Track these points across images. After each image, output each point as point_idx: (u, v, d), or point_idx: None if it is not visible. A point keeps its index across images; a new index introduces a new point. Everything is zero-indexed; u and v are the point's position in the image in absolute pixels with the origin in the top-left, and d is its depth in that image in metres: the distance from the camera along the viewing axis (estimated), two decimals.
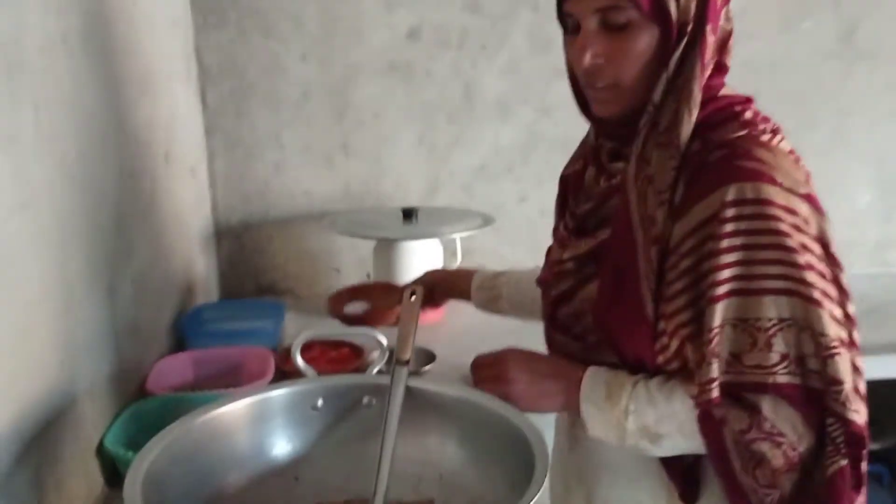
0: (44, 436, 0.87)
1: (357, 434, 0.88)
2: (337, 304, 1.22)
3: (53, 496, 0.90)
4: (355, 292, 1.24)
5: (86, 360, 1.03)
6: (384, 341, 0.96)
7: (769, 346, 0.75)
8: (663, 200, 0.78)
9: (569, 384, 0.86)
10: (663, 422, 0.80)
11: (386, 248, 1.73)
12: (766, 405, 0.76)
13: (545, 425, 0.89)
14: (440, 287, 1.17)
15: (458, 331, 1.71)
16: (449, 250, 1.80)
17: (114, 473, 1.06)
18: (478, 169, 2.00)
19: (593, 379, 0.85)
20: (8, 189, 0.81)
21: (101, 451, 1.04)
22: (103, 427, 1.06)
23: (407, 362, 0.88)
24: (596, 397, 0.83)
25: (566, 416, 0.98)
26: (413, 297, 1.00)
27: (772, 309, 0.75)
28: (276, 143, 1.91)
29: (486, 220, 1.76)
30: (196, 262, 1.73)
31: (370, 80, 1.90)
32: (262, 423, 0.85)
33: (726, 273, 0.75)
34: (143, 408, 1.12)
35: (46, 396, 0.89)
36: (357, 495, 0.85)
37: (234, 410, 0.83)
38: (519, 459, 0.76)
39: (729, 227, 0.75)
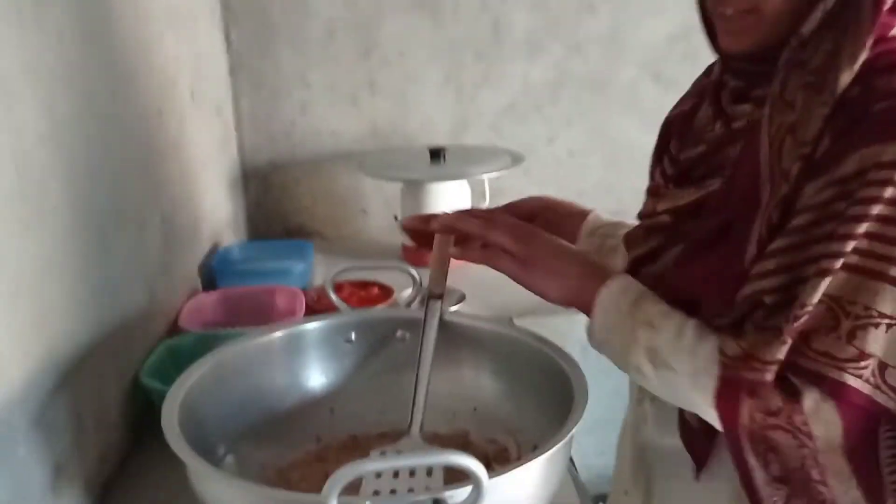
0: (79, 370, 0.88)
1: (390, 367, 0.88)
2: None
3: (91, 429, 0.91)
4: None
5: (118, 295, 1.03)
6: (416, 276, 0.94)
7: (852, 336, 0.61)
8: (804, 154, 0.63)
9: (593, 274, 0.76)
10: (679, 356, 0.68)
11: (413, 191, 1.71)
12: (810, 399, 0.62)
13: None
14: (542, 221, 0.97)
15: (488, 271, 1.70)
16: (477, 191, 1.78)
17: (150, 407, 1.07)
18: (506, 108, 1.97)
19: (627, 282, 0.75)
20: (34, 119, 0.80)
21: (136, 385, 1.05)
22: (138, 363, 1.07)
23: (441, 295, 0.86)
24: (621, 299, 0.73)
25: (636, 391, 0.86)
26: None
27: (887, 302, 0.60)
28: (301, 83, 1.88)
29: (515, 160, 1.73)
30: (224, 203, 1.73)
31: (396, 17, 1.86)
32: (296, 355, 0.84)
33: (851, 244, 0.60)
34: (178, 343, 1.13)
35: (80, 331, 0.90)
36: (392, 428, 0.85)
37: (269, 343, 0.83)
38: (556, 392, 0.75)
39: (873, 192, 0.60)
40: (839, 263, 0.61)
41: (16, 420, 0.74)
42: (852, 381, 0.61)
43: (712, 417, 0.67)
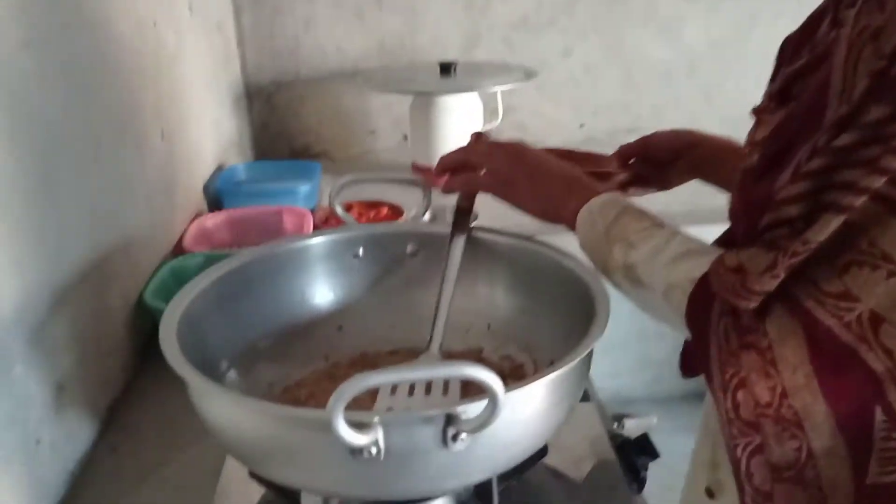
0: (78, 290, 0.85)
1: (400, 283, 0.84)
2: None
3: (94, 350, 0.88)
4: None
5: (118, 214, 0.99)
6: (424, 185, 0.89)
7: (845, 270, 0.51)
8: (878, 71, 0.50)
9: (576, 190, 0.72)
10: (653, 271, 0.62)
11: (422, 105, 1.65)
12: (775, 321, 0.52)
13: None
14: (688, 161, 0.85)
15: None
16: (489, 107, 1.71)
17: (155, 329, 1.04)
18: (519, 21, 1.88)
19: (609, 199, 0.70)
20: (10, 21, 0.74)
21: (141, 307, 1.02)
22: (142, 285, 1.04)
23: (470, 209, 0.82)
24: (598, 217, 0.68)
25: None
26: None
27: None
28: None
29: (529, 74, 1.66)
30: (228, 123, 1.67)
31: None
32: (302, 271, 0.81)
33: (881, 180, 0.48)
34: (182, 264, 1.10)
35: (78, 250, 0.86)
36: (402, 345, 0.82)
37: (273, 257, 0.79)
38: (576, 307, 0.71)
39: None
40: (861, 201, 0.49)
41: (10, 337, 0.71)
42: (827, 319, 0.51)
43: (684, 331, 0.59)
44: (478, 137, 0.84)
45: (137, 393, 0.96)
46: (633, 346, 2.09)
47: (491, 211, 1.41)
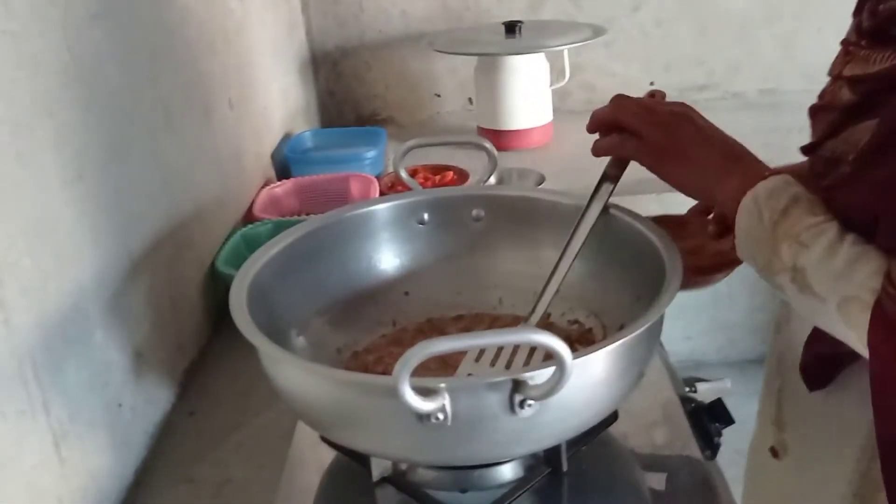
0: (153, 258, 0.87)
1: (466, 249, 0.83)
2: None
3: (168, 315, 0.91)
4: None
5: (189, 182, 1.01)
6: (492, 150, 0.88)
7: None
8: None
9: (738, 169, 0.62)
10: (826, 280, 0.54)
11: (488, 67, 1.62)
12: None
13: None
14: None
15: (568, 153, 1.62)
16: (556, 67, 1.67)
17: (227, 295, 1.06)
18: None
19: (779, 184, 0.59)
20: None
21: (213, 274, 1.04)
22: (214, 252, 1.06)
23: (616, 178, 0.72)
24: (765, 207, 0.58)
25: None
26: None
27: None
28: None
29: (597, 32, 1.62)
30: (294, 90, 1.68)
31: None
32: (367, 237, 0.81)
33: None
34: (253, 231, 1.11)
35: (152, 217, 0.88)
36: (468, 310, 0.82)
37: (339, 224, 0.79)
38: (646, 270, 0.69)
39: None
40: None
41: (90, 305, 0.73)
42: None
43: (864, 352, 0.54)
44: (640, 97, 0.71)
45: (212, 357, 0.99)
46: (705, 308, 2.04)
47: (556, 171, 1.39)
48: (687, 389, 0.83)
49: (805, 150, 0.65)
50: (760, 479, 0.79)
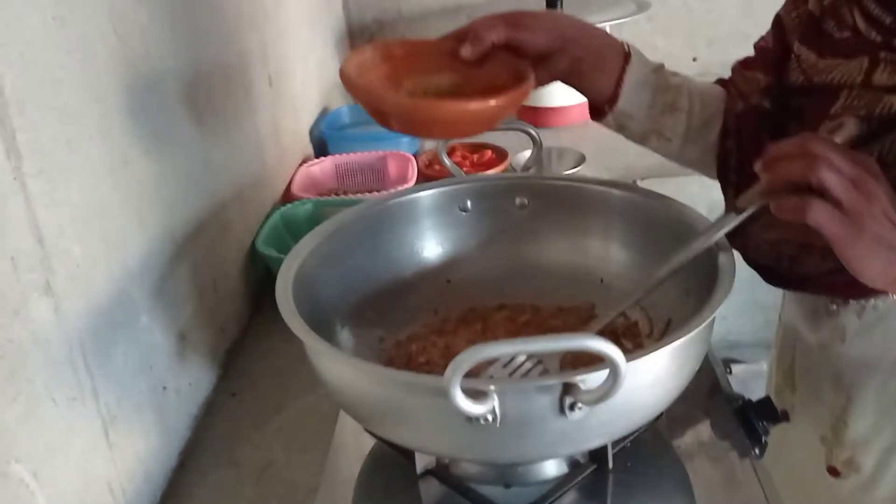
0: (195, 240, 0.87)
1: (509, 237, 0.82)
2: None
3: (210, 297, 0.91)
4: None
5: (230, 163, 1.00)
6: (536, 135, 0.86)
7: None
8: None
9: None
10: None
11: None
12: None
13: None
14: (565, 59, 0.72)
15: (607, 131, 1.59)
16: None
17: (267, 274, 1.07)
18: None
19: None
20: None
21: (253, 254, 1.04)
22: (253, 231, 1.06)
23: (743, 211, 0.61)
24: None
25: (824, 303, 0.72)
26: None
27: None
28: None
29: (641, 6, 1.58)
30: (331, 64, 1.67)
31: None
32: (410, 224, 0.80)
33: None
34: (292, 211, 1.12)
35: (195, 200, 0.88)
36: (511, 300, 0.81)
37: (383, 211, 0.78)
38: (694, 263, 0.67)
39: None
40: None
41: (136, 290, 0.74)
42: None
43: None
44: (824, 143, 0.55)
45: (252, 337, 0.99)
46: (742, 288, 2.00)
47: (595, 150, 1.37)
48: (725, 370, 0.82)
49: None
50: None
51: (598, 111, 0.78)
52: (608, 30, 1.62)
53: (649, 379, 0.55)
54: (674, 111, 0.77)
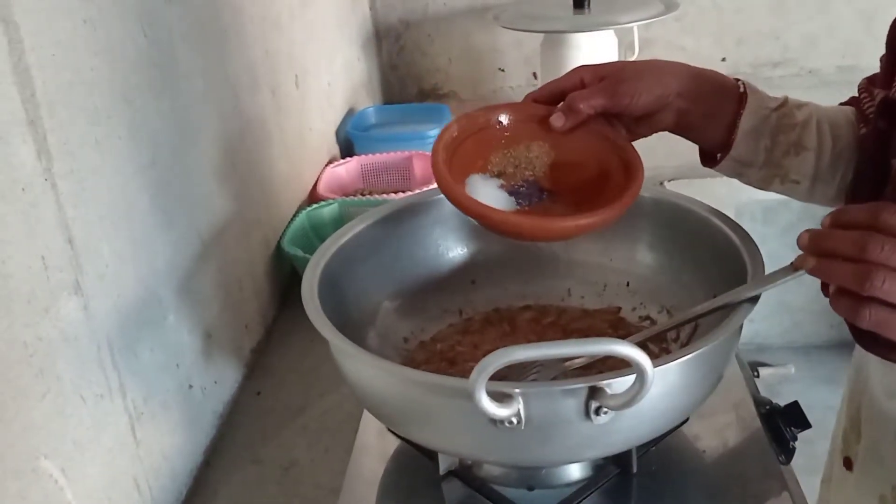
0: (221, 239, 0.88)
1: None
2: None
3: (236, 296, 0.92)
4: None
5: (257, 162, 1.01)
6: None
7: None
8: None
9: None
10: None
11: (555, 43, 1.58)
12: None
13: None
14: (675, 107, 0.66)
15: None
16: (625, 42, 1.63)
17: (292, 274, 1.07)
18: None
19: None
20: None
21: (279, 253, 1.05)
22: (279, 231, 1.07)
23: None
24: None
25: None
26: None
27: None
28: None
29: (669, 6, 1.56)
30: (357, 64, 1.67)
31: None
32: (435, 225, 0.80)
33: None
34: (318, 211, 1.12)
35: (222, 199, 0.89)
36: (535, 300, 0.80)
37: (407, 212, 0.78)
38: (722, 266, 0.67)
39: None
40: None
41: (163, 289, 0.74)
42: None
43: None
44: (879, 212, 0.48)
45: (278, 336, 1.00)
46: (770, 290, 1.99)
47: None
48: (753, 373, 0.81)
49: None
50: (832, 489, 0.77)
51: (709, 158, 0.71)
52: (635, 31, 1.61)
53: (676, 384, 0.55)
54: (799, 151, 0.68)
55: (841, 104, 0.74)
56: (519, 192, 0.68)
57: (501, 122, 0.70)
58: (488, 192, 0.66)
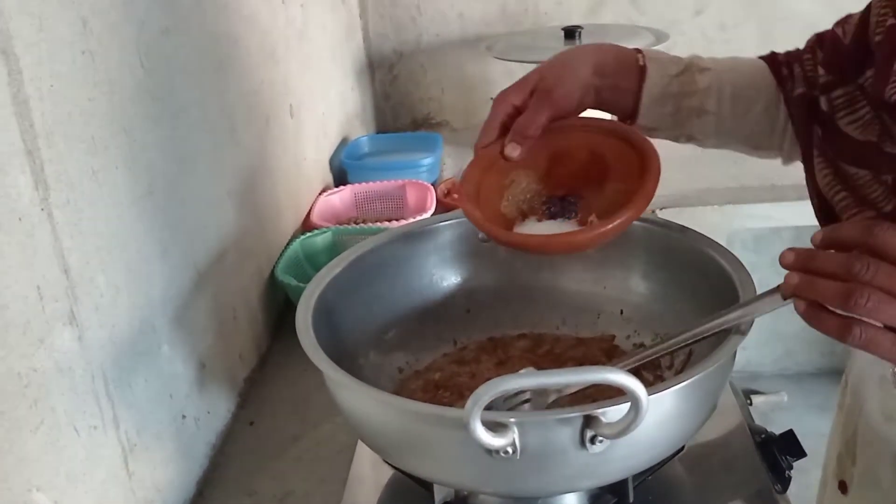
0: (216, 267, 0.88)
1: (529, 267, 0.82)
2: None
3: (230, 325, 0.92)
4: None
5: (252, 192, 1.02)
6: None
7: None
8: None
9: None
10: None
11: None
12: None
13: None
14: (590, 95, 0.70)
15: None
16: None
17: (286, 303, 1.07)
18: None
19: None
20: (155, 10, 0.76)
21: (273, 282, 1.05)
22: (273, 260, 1.07)
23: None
24: None
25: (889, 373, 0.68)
26: None
27: None
28: None
29: (659, 37, 1.58)
30: (351, 94, 1.69)
31: None
32: (430, 254, 0.80)
33: None
34: (311, 240, 1.12)
35: (215, 227, 0.89)
36: (530, 329, 0.81)
37: (402, 241, 0.79)
38: (716, 295, 0.67)
39: None
40: None
41: (158, 319, 0.74)
42: None
43: None
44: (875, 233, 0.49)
45: (271, 366, 1.00)
46: (762, 318, 2.00)
47: None
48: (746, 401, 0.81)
49: None
50: None
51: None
52: None
53: (671, 412, 0.55)
54: (701, 115, 0.72)
55: (760, 57, 0.78)
56: (554, 214, 0.70)
57: (479, 182, 0.70)
58: (540, 229, 0.68)
